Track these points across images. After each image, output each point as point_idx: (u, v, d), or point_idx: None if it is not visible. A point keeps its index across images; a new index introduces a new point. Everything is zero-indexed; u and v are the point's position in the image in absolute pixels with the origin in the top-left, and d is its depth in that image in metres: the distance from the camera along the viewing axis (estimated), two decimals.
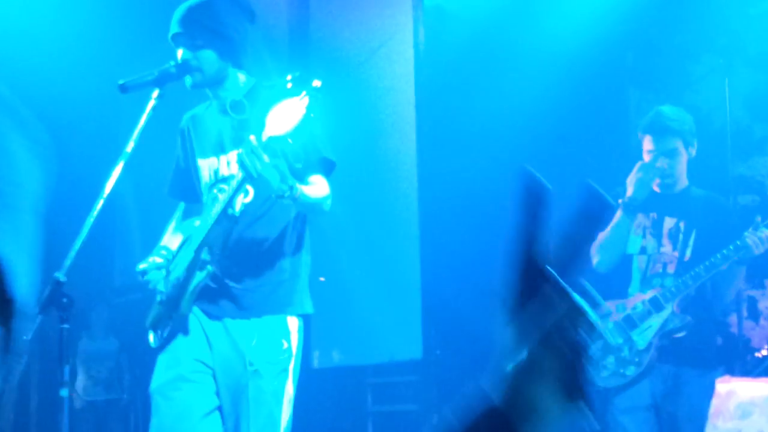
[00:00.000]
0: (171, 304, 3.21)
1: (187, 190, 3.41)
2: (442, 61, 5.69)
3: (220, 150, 3.26)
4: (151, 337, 3.30)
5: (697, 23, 6.02)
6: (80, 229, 2.88)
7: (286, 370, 3.14)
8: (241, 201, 3.09)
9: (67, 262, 2.80)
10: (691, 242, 4.19)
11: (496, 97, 5.65)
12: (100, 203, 2.93)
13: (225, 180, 3.17)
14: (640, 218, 4.28)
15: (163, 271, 3.23)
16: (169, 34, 3.25)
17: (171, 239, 3.38)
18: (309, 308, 3.30)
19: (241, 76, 3.30)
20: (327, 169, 3.22)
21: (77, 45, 6.89)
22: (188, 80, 3.21)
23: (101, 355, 7.86)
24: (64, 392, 2.77)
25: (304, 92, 2.85)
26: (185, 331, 3.20)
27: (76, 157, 7.50)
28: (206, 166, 3.31)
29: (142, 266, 3.25)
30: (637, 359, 4.09)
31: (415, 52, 5.70)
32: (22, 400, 8.00)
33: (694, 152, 4.31)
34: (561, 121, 5.94)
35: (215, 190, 3.20)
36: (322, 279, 6.03)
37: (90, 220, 2.91)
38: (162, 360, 3.25)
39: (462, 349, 5.57)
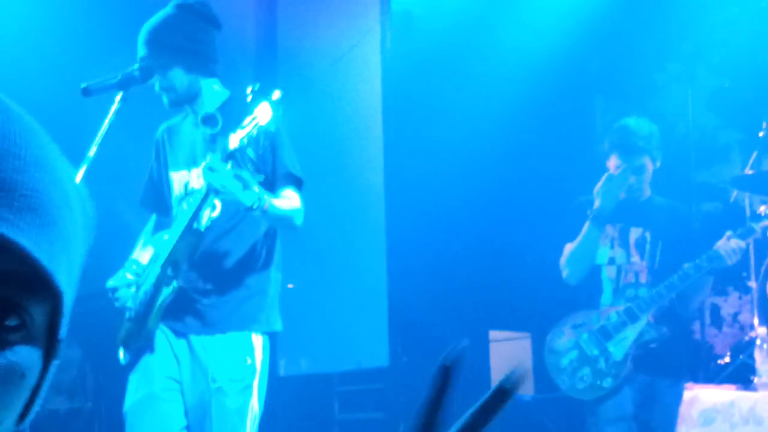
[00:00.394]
0: (139, 320, 3.18)
1: (159, 203, 3.39)
2: (409, 66, 5.69)
3: (192, 163, 3.24)
4: (121, 353, 3.28)
5: (660, 31, 6.06)
6: None
7: (249, 387, 3.11)
8: (208, 215, 3.08)
9: None
10: (658, 252, 4.22)
11: (463, 103, 5.66)
12: None
13: (194, 193, 3.15)
14: (608, 229, 4.32)
15: (133, 288, 3.21)
16: (137, 56, 3.22)
17: (141, 253, 3.36)
18: (277, 326, 3.27)
19: (216, 87, 3.30)
20: (296, 183, 3.19)
21: (39, 47, 6.80)
22: (164, 99, 3.22)
23: (63, 363, 7.75)
24: None
25: (264, 103, 2.86)
26: (153, 349, 3.17)
27: None
28: (177, 179, 3.29)
29: (111, 283, 3.26)
30: (614, 371, 4.10)
31: (383, 56, 5.69)
32: None
33: (659, 164, 4.36)
34: (526, 128, 5.96)
35: (184, 204, 3.18)
36: (290, 286, 5.99)
37: None
38: (133, 379, 3.23)
39: (429, 357, 5.54)
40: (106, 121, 3.03)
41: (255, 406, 3.13)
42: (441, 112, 5.68)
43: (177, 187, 3.29)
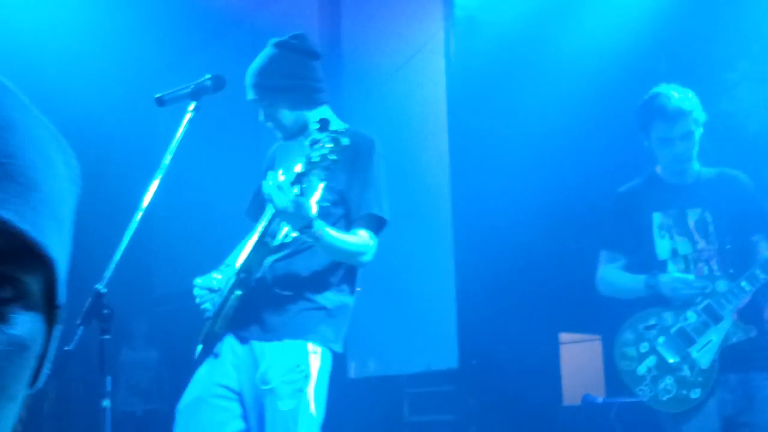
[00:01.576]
0: (212, 319, 3.31)
1: (259, 213, 3.46)
2: (473, 71, 5.70)
3: (294, 182, 3.30)
4: (198, 349, 3.40)
5: (731, 29, 5.97)
6: (120, 242, 2.92)
7: (303, 391, 3.13)
8: (285, 232, 3.19)
9: (107, 274, 2.84)
10: (724, 231, 3.80)
11: (528, 106, 5.65)
12: (139, 215, 2.97)
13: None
14: (661, 218, 3.91)
15: (206, 292, 3.34)
16: (247, 98, 3.35)
17: (235, 258, 3.47)
18: (336, 347, 3.28)
19: (329, 115, 3.34)
20: (375, 225, 3.26)
21: (114, 60, 6.98)
22: (278, 134, 3.36)
23: (141, 365, 7.93)
24: (105, 403, 2.80)
25: (326, 135, 2.91)
26: (216, 353, 3.29)
27: (115, 170, 7.60)
28: None
29: (198, 281, 3.38)
30: (701, 379, 3.68)
31: (447, 62, 5.71)
32: (64, 411, 8.09)
33: (701, 131, 4.00)
34: (593, 128, 5.92)
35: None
36: (358, 289, 6.05)
37: (129, 232, 2.95)
38: (192, 380, 3.35)
39: (498, 359, 5.55)
40: (180, 130, 3.11)
41: (312, 410, 3.15)
42: (506, 116, 5.68)
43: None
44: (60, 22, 6.74)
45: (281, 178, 2.97)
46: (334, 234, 3.09)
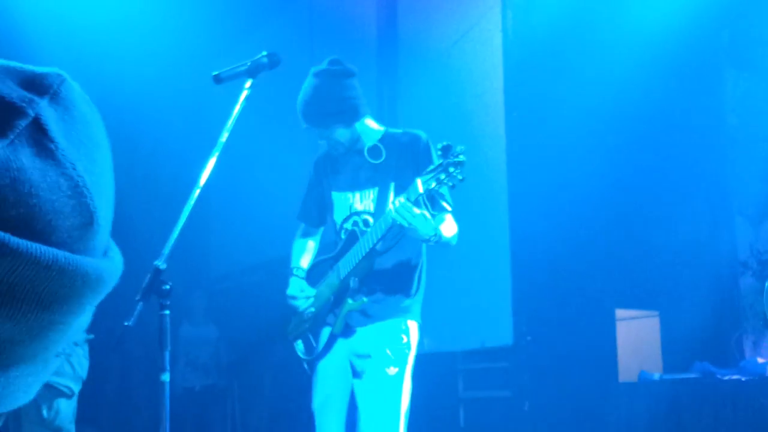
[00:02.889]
0: (316, 320, 3.70)
1: (317, 216, 3.90)
2: (530, 45, 5.64)
3: (354, 187, 3.71)
4: (298, 348, 3.79)
5: None
6: (178, 219, 2.95)
7: (404, 360, 3.55)
8: (383, 238, 3.53)
9: (166, 251, 2.87)
10: None
11: (586, 80, 5.58)
12: (197, 193, 2.99)
13: (359, 214, 3.66)
14: None
15: (306, 295, 3.73)
16: (302, 127, 3.71)
17: (302, 259, 3.89)
18: (420, 318, 3.71)
19: (371, 123, 3.74)
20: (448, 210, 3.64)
21: (171, 39, 7.04)
22: (334, 152, 3.72)
23: (201, 341, 8.03)
24: (165, 377, 2.85)
25: (456, 166, 3.27)
26: (332, 351, 3.66)
27: (172, 148, 7.69)
28: (341, 200, 3.74)
29: (292, 292, 3.73)
30: None
31: (504, 36, 5.66)
32: (125, 385, 8.25)
33: None
34: (653, 102, 5.83)
35: (351, 222, 3.68)
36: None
37: (187, 209, 2.98)
38: (317, 379, 3.71)
39: (553, 336, 5.53)
40: (237, 107, 3.13)
41: (408, 378, 3.57)
42: (564, 91, 5.61)
43: (340, 206, 3.75)
44: (116, 6, 6.81)
45: (400, 199, 3.29)
46: (445, 233, 3.48)
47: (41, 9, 6.57)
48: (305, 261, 3.89)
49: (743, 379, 5.08)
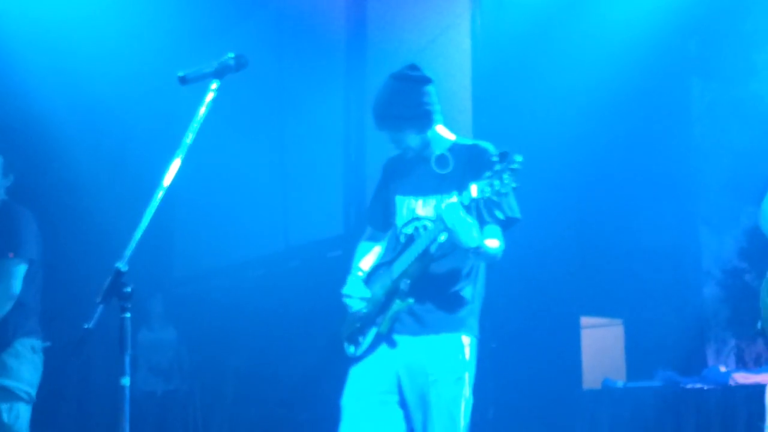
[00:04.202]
0: (366, 320, 3.64)
1: (380, 220, 3.89)
2: (499, 51, 5.66)
3: (418, 192, 3.69)
4: (347, 348, 3.72)
5: (761, 10, 5.90)
6: (140, 221, 2.91)
7: (462, 379, 3.50)
8: (437, 240, 3.49)
9: (128, 253, 2.83)
10: None
11: (554, 86, 5.61)
12: (160, 194, 2.95)
13: (420, 219, 3.63)
14: None
15: (360, 300, 3.68)
16: (377, 129, 3.72)
17: (363, 260, 3.85)
18: (477, 332, 3.66)
19: (442, 131, 3.74)
20: (506, 224, 3.61)
21: (137, 39, 6.98)
22: (406, 155, 3.72)
23: (160, 345, 7.96)
24: (125, 381, 2.80)
25: (511, 173, 3.25)
26: (375, 352, 3.61)
27: (136, 149, 7.62)
28: (404, 204, 3.72)
29: (347, 290, 3.69)
30: None
31: (473, 41, 5.67)
32: (84, 389, 8.15)
33: None
34: (619, 111, 5.87)
35: (412, 227, 3.65)
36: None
37: (150, 211, 2.94)
38: (353, 377, 3.64)
39: (517, 342, 5.54)
40: (202, 109, 3.09)
41: (467, 393, 3.52)
42: (532, 96, 5.64)
43: (403, 211, 3.73)
44: (83, 4, 6.74)
45: (454, 199, 3.28)
46: (488, 246, 3.47)
47: (8, 8, 6.49)
48: (367, 263, 3.86)
49: (706, 387, 5.12)
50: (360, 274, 3.78)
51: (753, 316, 5.61)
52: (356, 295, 3.67)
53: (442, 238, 3.43)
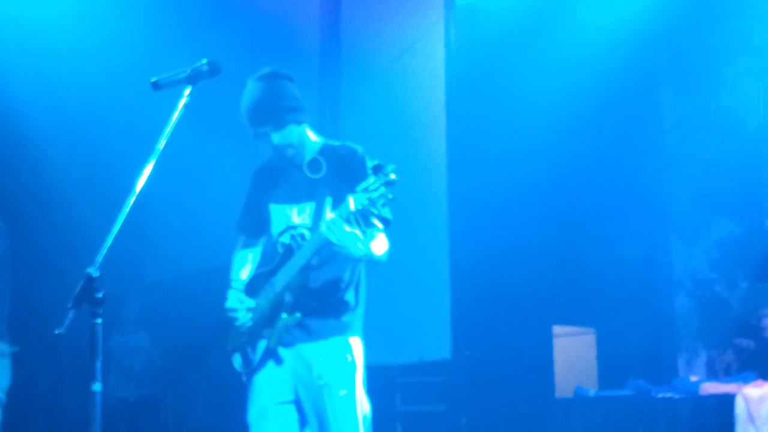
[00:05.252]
0: (253, 333, 3.63)
1: (255, 228, 3.82)
2: (473, 60, 5.68)
3: (292, 200, 3.64)
4: (236, 361, 3.72)
5: (731, 24, 5.96)
6: (112, 226, 2.90)
7: (352, 379, 3.52)
8: (318, 253, 3.49)
9: (99, 258, 2.81)
10: None
11: (527, 96, 5.63)
12: (132, 200, 2.95)
13: (296, 227, 3.60)
14: None
15: (245, 308, 3.64)
16: (252, 133, 3.62)
17: (242, 271, 3.83)
18: (362, 332, 3.70)
19: (311, 135, 3.69)
20: (385, 224, 3.56)
21: (110, 44, 6.95)
22: (286, 155, 3.61)
23: (132, 350, 7.91)
24: (96, 387, 2.78)
25: (382, 184, 3.20)
26: (268, 364, 3.60)
27: (108, 154, 7.58)
28: (278, 212, 3.68)
29: (230, 304, 3.62)
30: None
31: (447, 50, 5.68)
32: (55, 395, 8.08)
33: None
34: (591, 122, 5.91)
35: (289, 236, 3.62)
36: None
37: (122, 216, 2.93)
38: (252, 391, 3.64)
39: (490, 350, 5.55)
40: (175, 115, 3.09)
41: (361, 395, 3.54)
42: (505, 106, 5.66)
43: (277, 220, 3.68)
44: (57, 7, 6.70)
45: (331, 215, 3.27)
46: (375, 252, 3.48)
47: None
48: (245, 273, 3.84)
49: (676, 397, 5.15)
50: (237, 285, 3.74)
51: (723, 326, 5.69)
52: (241, 308, 3.62)
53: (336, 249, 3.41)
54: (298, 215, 3.62)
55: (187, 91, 3.14)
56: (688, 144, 6.27)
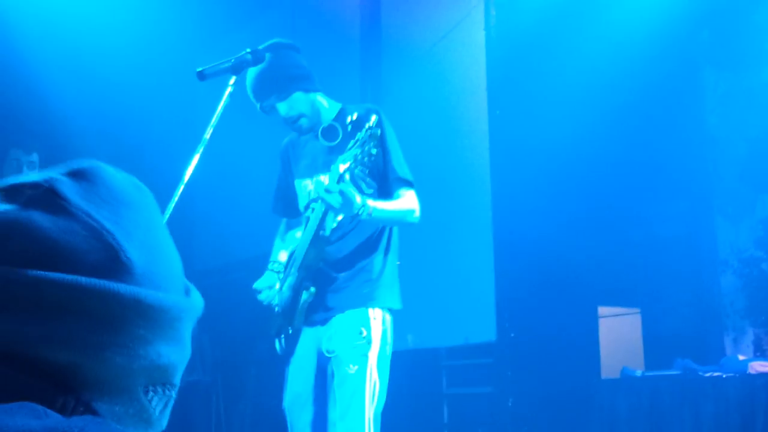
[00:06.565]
0: (286, 316, 3.55)
1: (288, 208, 3.78)
2: (513, 44, 5.67)
3: (313, 172, 3.59)
4: (277, 345, 3.64)
5: None
6: (162, 215, 2.96)
7: (365, 356, 3.36)
8: (332, 219, 3.43)
9: None
10: None
11: (568, 79, 5.62)
12: (181, 189, 3.01)
13: (315, 200, 3.47)
14: None
15: (275, 289, 3.59)
16: (259, 107, 3.59)
17: (280, 253, 3.76)
18: (395, 304, 3.54)
19: (323, 101, 3.62)
20: (408, 185, 3.48)
21: (155, 35, 7.04)
22: (302, 126, 3.57)
23: None
24: None
25: (365, 130, 3.14)
26: (298, 347, 3.54)
27: (156, 144, 7.69)
28: (302, 187, 3.64)
29: (257, 285, 3.61)
30: None
31: (486, 35, 5.69)
32: None
33: None
34: (633, 101, 5.87)
35: (309, 210, 3.54)
36: (398, 262, 6.07)
37: (171, 205, 3.00)
38: (287, 377, 3.58)
39: (536, 332, 5.57)
40: (221, 104, 3.15)
41: (375, 374, 3.37)
42: (546, 89, 5.65)
43: (303, 194, 3.65)
44: (102, 1, 6.80)
45: (326, 180, 3.21)
46: (382, 206, 3.33)
47: (29, 8, 6.57)
48: (284, 254, 3.77)
49: (724, 375, 5.12)
50: (276, 266, 3.67)
51: None
52: (263, 287, 3.57)
53: (334, 216, 3.37)
54: (316, 188, 3.51)
55: (232, 81, 3.20)
56: (731, 122, 6.21)
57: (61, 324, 0.77)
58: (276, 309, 3.60)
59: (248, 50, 3.29)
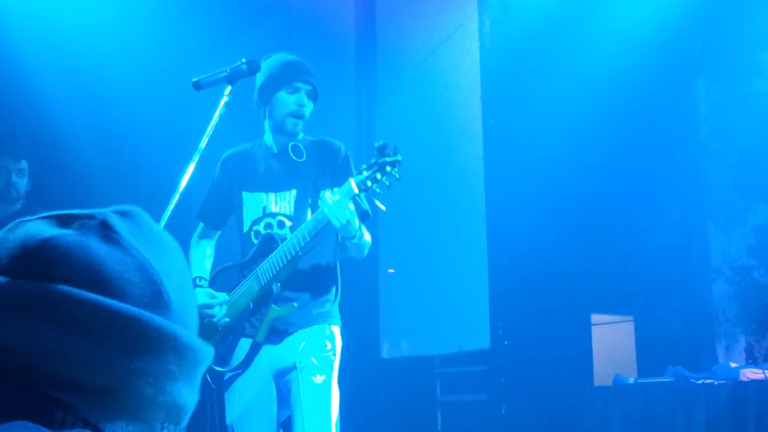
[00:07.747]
0: (232, 330, 3.56)
1: (217, 216, 3.81)
2: (507, 55, 5.69)
3: (270, 187, 3.61)
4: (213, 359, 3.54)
5: (766, 10, 5.92)
6: (157, 223, 2.97)
7: (331, 367, 3.47)
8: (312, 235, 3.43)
9: None
10: None
11: (561, 89, 5.65)
12: (176, 198, 3.03)
13: (274, 216, 3.55)
14: None
15: (225, 306, 3.57)
16: (303, 89, 3.64)
17: (203, 268, 3.77)
18: (340, 322, 3.66)
19: None
20: (369, 217, 3.58)
21: (150, 44, 7.05)
22: (298, 128, 3.65)
23: None
24: None
25: (393, 165, 3.19)
26: (250, 361, 3.53)
27: (152, 153, 7.70)
28: (252, 201, 3.63)
29: (203, 302, 3.55)
30: None
31: (481, 44, 5.71)
32: None
33: None
34: (626, 111, 5.91)
35: (264, 225, 3.58)
36: (391, 271, 6.10)
37: (166, 214, 3.01)
38: (233, 391, 3.58)
39: (529, 340, 5.58)
40: (216, 114, 3.17)
41: (336, 390, 3.48)
42: (540, 98, 5.68)
43: (252, 208, 3.65)
44: (97, 8, 6.81)
45: (335, 196, 3.20)
46: (365, 237, 3.42)
47: (25, 12, 6.58)
48: (205, 269, 3.78)
49: (716, 383, 5.14)
50: (203, 282, 3.65)
51: (762, 312, 5.68)
52: (215, 303, 3.53)
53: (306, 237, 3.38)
54: (276, 203, 3.57)
55: (227, 90, 3.22)
56: (723, 131, 6.25)
57: (102, 347, 0.81)
58: (215, 322, 3.55)
59: (243, 60, 3.32)
